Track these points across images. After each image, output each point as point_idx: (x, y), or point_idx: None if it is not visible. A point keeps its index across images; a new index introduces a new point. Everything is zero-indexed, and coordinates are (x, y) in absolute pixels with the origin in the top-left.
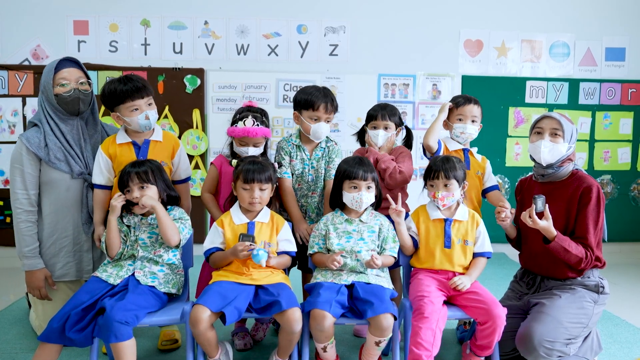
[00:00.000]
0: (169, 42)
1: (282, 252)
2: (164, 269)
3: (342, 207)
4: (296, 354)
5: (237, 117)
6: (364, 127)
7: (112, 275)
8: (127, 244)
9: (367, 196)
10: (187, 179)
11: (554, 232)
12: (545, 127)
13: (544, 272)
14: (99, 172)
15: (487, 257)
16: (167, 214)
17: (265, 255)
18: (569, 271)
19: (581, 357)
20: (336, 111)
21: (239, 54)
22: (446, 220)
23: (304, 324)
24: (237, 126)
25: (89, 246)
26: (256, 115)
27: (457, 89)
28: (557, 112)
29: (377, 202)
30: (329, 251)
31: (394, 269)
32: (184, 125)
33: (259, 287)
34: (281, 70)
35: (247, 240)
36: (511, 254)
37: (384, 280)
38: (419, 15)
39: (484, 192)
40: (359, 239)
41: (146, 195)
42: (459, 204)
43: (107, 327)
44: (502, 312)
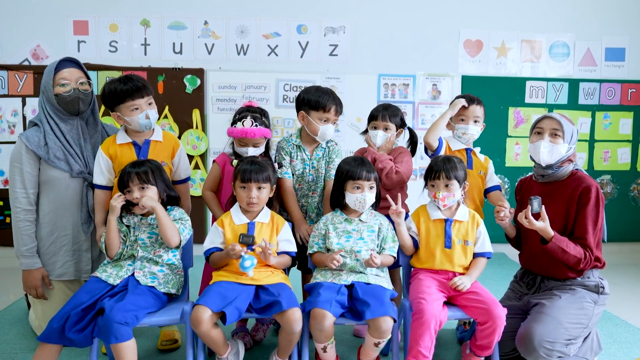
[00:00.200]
0: (168, 42)
1: (282, 252)
2: (163, 269)
3: (342, 207)
4: (296, 355)
5: (236, 117)
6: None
7: (111, 275)
8: (126, 244)
9: (370, 196)
10: (187, 179)
11: (551, 232)
12: (545, 127)
13: (543, 273)
14: (100, 172)
15: (487, 258)
16: (167, 215)
17: (251, 264)
18: (568, 271)
19: (581, 357)
20: (341, 114)
21: (238, 54)
22: (446, 220)
23: (304, 324)
24: (236, 127)
25: (88, 246)
26: (255, 115)
27: (457, 89)
28: (558, 113)
29: (376, 201)
30: (328, 251)
31: (393, 269)
32: (184, 125)
33: (259, 287)
34: (281, 70)
35: (247, 240)
36: (511, 254)
37: (383, 280)
38: (418, 15)
39: (486, 191)
40: (358, 238)
41: (146, 196)
42: (459, 204)
43: (107, 328)
44: (502, 312)
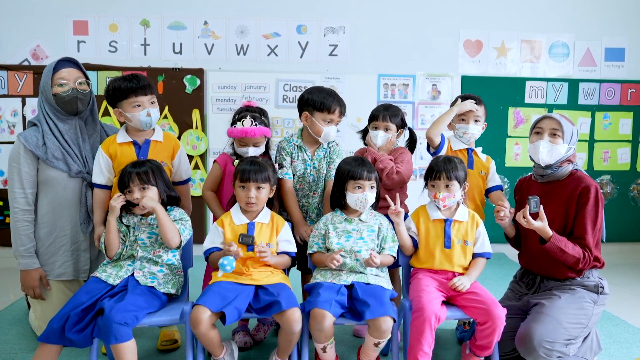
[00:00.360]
0: (168, 42)
1: (282, 253)
2: (163, 269)
3: (342, 207)
4: (296, 355)
5: (236, 117)
6: (367, 126)
7: (111, 275)
8: (126, 244)
9: (370, 196)
10: (188, 180)
11: (550, 232)
12: (544, 127)
13: (543, 273)
14: (99, 171)
15: (487, 258)
16: (168, 216)
17: (229, 269)
18: (568, 271)
19: (581, 357)
20: (345, 115)
21: (238, 54)
22: (446, 220)
23: (303, 324)
24: (235, 127)
25: (86, 245)
26: (255, 115)
27: (456, 89)
28: (558, 113)
29: (375, 201)
30: (328, 250)
31: (393, 269)
32: (184, 125)
33: (258, 287)
34: (281, 70)
35: (246, 240)
36: (511, 254)
37: (383, 280)
38: (418, 15)
39: (487, 191)
40: (358, 238)
41: (147, 196)
42: (459, 205)
43: (107, 328)
44: (501, 313)
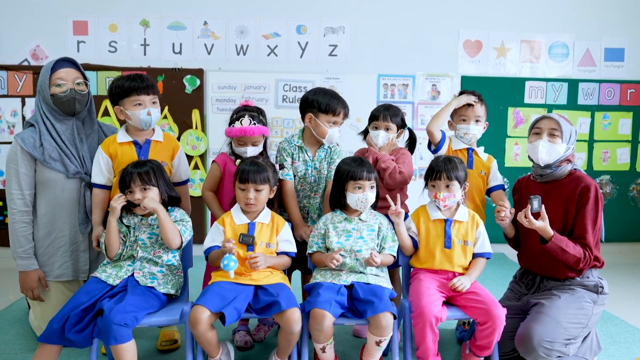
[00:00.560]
0: (168, 42)
1: (282, 253)
2: (163, 269)
3: (342, 208)
4: (295, 355)
5: (234, 117)
6: (368, 126)
7: (111, 275)
8: (126, 244)
9: (371, 196)
10: (187, 181)
11: (551, 232)
12: (543, 127)
13: (543, 272)
14: (99, 171)
15: (487, 258)
16: (169, 217)
17: (233, 266)
18: (568, 271)
19: (580, 357)
20: (348, 117)
21: (238, 54)
22: (446, 220)
23: (303, 324)
24: (234, 126)
25: (85, 246)
26: (253, 114)
27: (456, 89)
28: (557, 113)
29: (374, 201)
30: (328, 250)
31: (393, 269)
32: (184, 125)
33: (258, 288)
34: (281, 70)
35: (247, 240)
36: (511, 254)
37: (383, 280)
38: (418, 15)
39: (489, 191)
40: (358, 237)
41: (148, 197)
42: (459, 205)
43: (107, 329)
44: (501, 313)
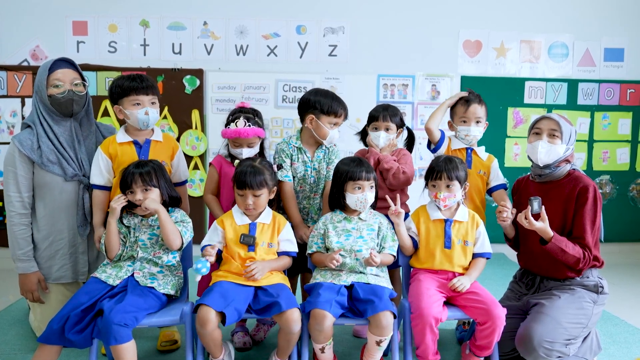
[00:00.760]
0: (168, 42)
1: (283, 253)
2: (163, 270)
3: (342, 208)
4: (295, 355)
5: (229, 118)
6: (366, 127)
7: (111, 276)
8: (126, 245)
9: (370, 196)
10: (185, 182)
11: (551, 232)
12: (543, 127)
13: (543, 273)
14: (98, 172)
15: (487, 258)
16: (170, 218)
17: (204, 272)
18: (568, 271)
19: (580, 357)
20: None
21: (238, 54)
22: (446, 220)
23: (303, 324)
24: (229, 128)
25: (84, 248)
26: (248, 115)
27: (456, 89)
28: (557, 114)
29: (374, 201)
30: (327, 250)
31: (393, 269)
32: (183, 125)
33: (258, 289)
34: (280, 70)
35: (247, 240)
36: (510, 254)
37: (383, 280)
38: (418, 15)
39: (490, 190)
40: (358, 237)
41: (149, 198)
42: (459, 205)
43: (107, 329)
44: (501, 313)
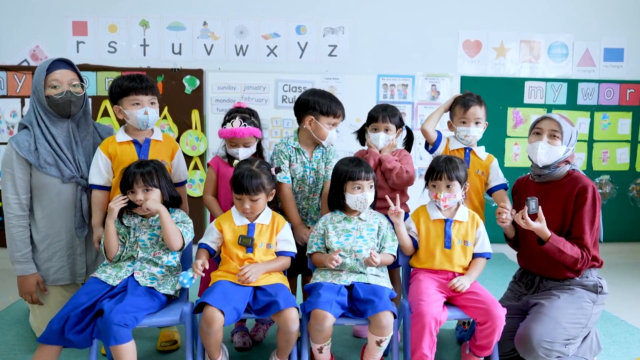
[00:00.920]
0: (167, 42)
1: (280, 253)
2: (163, 270)
3: (341, 208)
4: (295, 355)
5: (226, 118)
6: (364, 127)
7: (111, 276)
8: (126, 245)
9: (370, 196)
10: (185, 182)
11: (548, 233)
12: (544, 128)
13: (542, 273)
14: (97, 172)
15: (487, 258)
16: (172, 219)
17: (186, 283)
18: (567, 271)
19: (580, 357)
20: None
21: (238, 54)
22: (446, 220)
23: (303, 324)
24: (225, 127)
25: (82, 250)
26: (244, 115)
27: (456, 89)
28: (558, 114)
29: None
30: (327, 251)
31: (393, 269)
32: (183, 126)
33: (257, 288)
34: (280, 70)
35: (245, 242)
36: (510, 254)
37: (383, 280)
38: (417, 15)
39: (490, 191)
40: (358, 237)
41: (151, 199)
42: (459, 205)
43: (106, 329)
44: (501, 313)
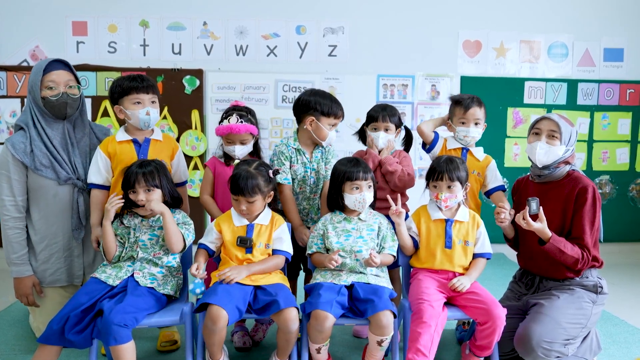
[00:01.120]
0: (167, 42)
1: (274, 251)
2: (163, 270)
3: (341, 209)
4: (295, 355)
5: (223, 116)
6: (364, 126)
7: (111, 276)
8: (125, 245)
9: (369, 196)
10: (185, 182)
11: (549, 233)
12: (543, 128)
13: (542, 273)
14: (97, 171)
15: (487, 258)
16: (174, 220)
17: (198, 292)
18: (567, 271)
19: (580, 357)
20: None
21: (237, 54)
22: (447, 220)
23: (302, 324)
24: (222, 124)
25: (79, 251)
26: (241, 113)
27: (456, 89)
28: (557, 114)
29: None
30: (327, 251)
31: (393, 269)
32: (183, 126)
33: (257, 288)
34: (280, 71)
35: (244, 243)
36: (510, 254)
37: (383, 280)
38: (417, 15)
39: (488, 192)
40: (358, 237)
41: (154, 200)
42: (459, 205)
43: (106, 330)
44: (501, 313)
